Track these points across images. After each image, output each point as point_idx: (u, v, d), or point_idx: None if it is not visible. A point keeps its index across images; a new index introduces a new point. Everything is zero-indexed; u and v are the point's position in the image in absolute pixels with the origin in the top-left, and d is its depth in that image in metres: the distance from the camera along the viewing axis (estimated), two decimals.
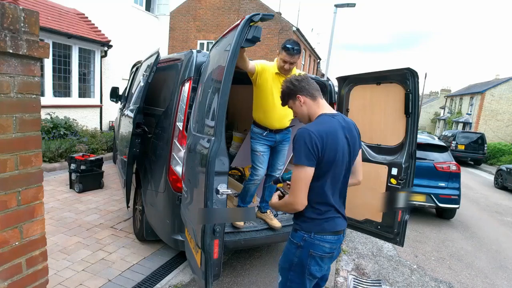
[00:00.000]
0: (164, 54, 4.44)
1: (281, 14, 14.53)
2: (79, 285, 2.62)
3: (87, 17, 8.80)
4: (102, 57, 8.94)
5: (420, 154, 5.30)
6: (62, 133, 6.86)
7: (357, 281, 3.32)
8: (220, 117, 1.75)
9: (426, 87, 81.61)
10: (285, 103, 1.79)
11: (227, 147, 3.32)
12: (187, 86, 2.71)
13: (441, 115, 35.80)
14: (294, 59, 2.64)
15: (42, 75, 7.09)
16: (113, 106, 8.34)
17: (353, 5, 12.05)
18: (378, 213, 2.86)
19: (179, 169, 2.65)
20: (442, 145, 5.97)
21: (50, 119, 6.98)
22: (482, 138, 15.39)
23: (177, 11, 15.59)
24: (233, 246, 2.84)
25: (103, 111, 9.34)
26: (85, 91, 8.72)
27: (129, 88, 5.13)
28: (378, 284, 3.32)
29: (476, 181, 11.23)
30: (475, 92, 25.70)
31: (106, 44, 8.66)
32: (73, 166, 4.83)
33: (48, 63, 7.38)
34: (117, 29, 9.59)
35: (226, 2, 14.99)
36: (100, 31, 8.78)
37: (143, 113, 3.17)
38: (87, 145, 6.85)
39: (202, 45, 15.49)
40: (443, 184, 5.53)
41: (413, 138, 2.69)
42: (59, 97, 7.88)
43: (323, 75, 14.93)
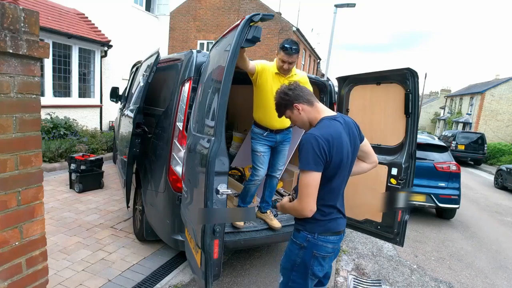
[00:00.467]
0: (164, 54, 4.44)
1: (281, 14, 14.53)
2: (79, 285, 2.62)
3: (87, 17, 8.80)
4: (102, 57, 8.94)
5: (420, 154, 5.30)
6: (62, 133, 6.86)
7: (357, 281, 3.32)
8: (220, 117, 1.75)
9: (426, 87, 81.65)
10: (281, 114, 1.76)
11: (227, 147, 3.32)
12: (187, 86, 2.71)
13: (441, 115, 35.80)
14: (292, 59, 2.63)
15: (42, 75, 7.09)
16: (113, 106, 8.34)
17: (353, 5, 12.05)
18: (378, 213, 2.86)
19: (179, 169, 2.65)
20: (442, 145, 5.97)
21: (50, 119, 6.98)
22: (482, 138, 15.39)
23: (177, 11, 15.59)
24: (233, 246, 2.84)
25: (103, 111, 9.35)
26: (85, 91, 8.72)
27: (129, 88, 5.13)
28: (378, 284, 3.32)
29: (476, 181, 11.22)
30: (475, 92, 25.70)
31: (106, 44, 8.66)
32: (73, 166, 4.83)
33: (48, 63, 7.38)
34: (117, 29, 9.60)
35: (226, 2, 14.99)
36: (100, 31, 8.78)
37: (143, 113, 3.17)
38: (87, 145, 6.85)
39: (202, 45, 15.49)
40: (443, 184, 5.53)
41: (413, 138, 2.69)
42: (59, 97, 7.88)
43: (323, 75, 14.92)
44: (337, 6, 12.48)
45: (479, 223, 6.06)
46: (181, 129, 2.68)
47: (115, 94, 6.16)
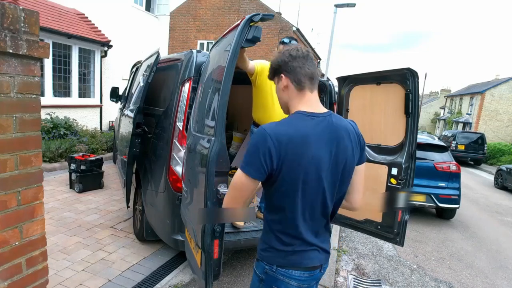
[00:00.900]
0: (164, 54, 4.44)
1: (281, 14, 14.54)
2: (79, 285, 2.62)
3: (87, 17, 8.80)
4: (102, 57, 8.94)
5: (420, 154, 5.30)
6: (62, 133, 6.86)
7: (357, 281, 3.32)
8: (220, 117, 1.75)
9: (426, 87, 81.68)
10: (271, 77, 1.40)
11: (227, 147, 3.32)
12: (187, 86, 2.71)
13: (441, 115, 35.81)
14: None
15: (42, 75, 7.09)
16: (113, 106, 8.35)
17: (353, 5, 12.06)
18: (378, 213, 2.86)
19: (179, 169, 2.65)
20: (442, 145, 5.97)
21: (50, 119, 6.98)
22: (482, 138, 15.40)
23: (177, 11, 15.59)
24: (233, 246, 2.84)
25: (103, 111, 9.35)
26: (85, 91, 8.72)
27: (129, 88, 5.13)
28: (378, 284, 3.32)
29: (476, 181, 11.22)
30: (475, 92, 25.71)
31: (106, 44, 8.66)
32: (73, 166, 4.83)
33: (48, 63, 7.38)
34: (117, 29, 9.60)
35: (226, 2, 14.99)
36: (100, 31, 8.78)
37: (143, 113, 3.17)
38: (87, 145, 6.86)
39: (202, 45, 15.49)
40: (443, 184, 5.53)
41: (413, 138, 2.69)
42: (59, 97, 7.88)
43: (323, 75, 14.92)
44: (337, 6, 12.49)
45: (479, 223, 6.06)
46: (181, 129, 2.68)
47: (115, 94, 6.16)
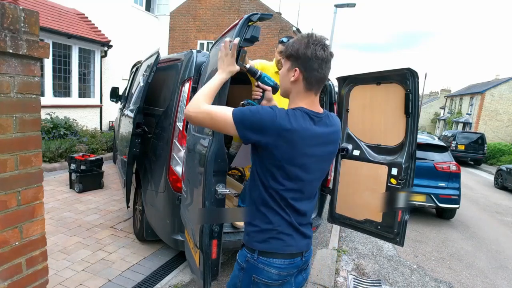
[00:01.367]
0: (164, 54, 4.44)
1: (281, 14, 14.53)
2: (79, 285, 2.62)
3: (87, 17, 8.80)
4: (102, 57, 8.94)
5: (420, 154, 5.30)
6: (62, 133, 6.86)
7: (357, 281, 3.32)
8: None
9: (426, 87, 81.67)
10: (286, 57, 1.27)
11: (227, 147, 3.32)
12: (187, 86, 2.71)
13: (441, 115, 35.80)
14: None
15: (42, 75, 7.09)
16: (113, 106, 8.34)
17: (353, 5, 12.05)
18: (378, 213, 2.86)
19: (179, 169, 2.65)
20: (442, 145, 5.97)
21: (50, 119, 6.98)
22: (482, 138, 15.40)
23: (177, 11, 15.59)
24: (233, 246, 2.84)
25: (103, 111, 9.35)
26: (85, 91, 8.72)
27: (129, 88, 5.13)
28: (378, 284, 3.32)
29: (476, 181, 11.22)
30: (475, 92, 25.70)
31: (106, 44, 8.66)
32: (73, 166, 4.83)
33: (48, 63, 7.38)
34: (117, 29, 9.60)
35: (226, 2, 14.98)
36: (100, 31, 8.78)
37: (143, 113, 3.17)
38: (87, 145, 6.86)
39: (202, 45, 15.47)
40: (443, 184, 5.53)
41: (413, 138, 2.69)
42: (59, 97, 7.88)
43: None
44: (337, 6, 12.48)
45: (479, 223, 6.06)
46: (181, 129, 2.68)
47: (115, 94, 6.16)
